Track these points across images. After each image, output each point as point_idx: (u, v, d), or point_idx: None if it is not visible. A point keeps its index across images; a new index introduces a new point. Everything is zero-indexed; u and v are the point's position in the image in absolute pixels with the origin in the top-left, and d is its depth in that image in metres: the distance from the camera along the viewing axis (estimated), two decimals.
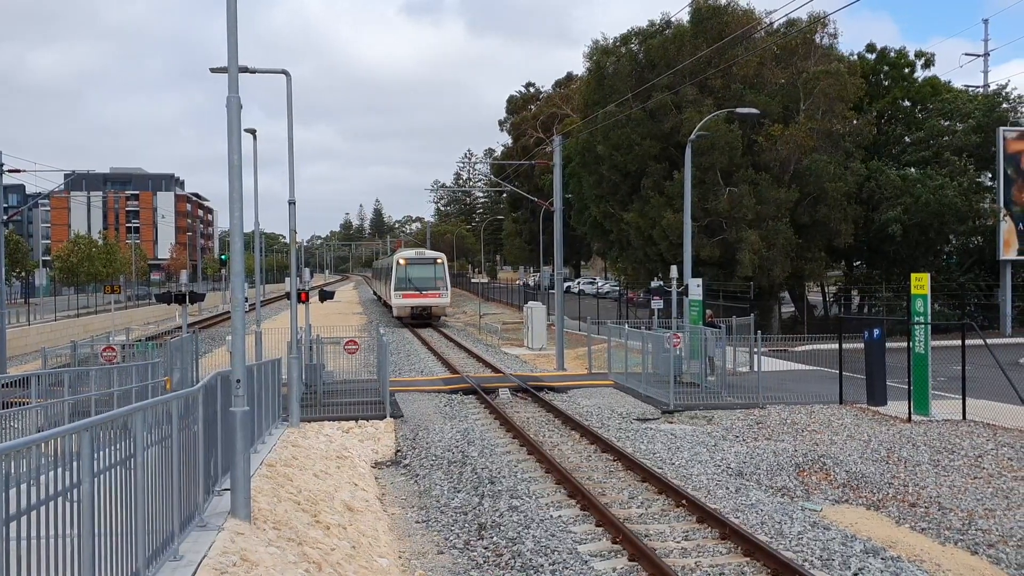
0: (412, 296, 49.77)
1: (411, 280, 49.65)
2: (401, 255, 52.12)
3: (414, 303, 50.09)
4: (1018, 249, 39.52)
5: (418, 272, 50.01)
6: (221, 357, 28.46)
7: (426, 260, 51.25)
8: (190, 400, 8.95)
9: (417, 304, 50.18)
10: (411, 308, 50.37)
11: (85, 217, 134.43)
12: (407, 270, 49.96)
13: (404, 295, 49.87)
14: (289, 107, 20.22)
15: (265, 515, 9.86)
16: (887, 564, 10.01)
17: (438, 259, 51.45)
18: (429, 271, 50.19)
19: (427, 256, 52.38)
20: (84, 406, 16.65)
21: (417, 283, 49.69)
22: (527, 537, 11.27)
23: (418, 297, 49.72)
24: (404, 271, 49.97)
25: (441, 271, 50.42)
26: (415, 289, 49.47)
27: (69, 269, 76.60)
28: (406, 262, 50.54)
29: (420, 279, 49.82)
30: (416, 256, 52.22)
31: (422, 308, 50.40)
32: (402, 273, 49.91)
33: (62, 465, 5.55)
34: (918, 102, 43.60)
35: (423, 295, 49.68)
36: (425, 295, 49.80)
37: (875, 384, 20.20)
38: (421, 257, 51.94)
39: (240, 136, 9.94)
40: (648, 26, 42.06)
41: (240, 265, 10.06)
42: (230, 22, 9.78)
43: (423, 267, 50.34)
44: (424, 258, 51.72)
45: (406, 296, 49.90)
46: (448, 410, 21.66)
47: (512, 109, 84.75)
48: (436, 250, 67.27)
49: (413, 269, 50.02)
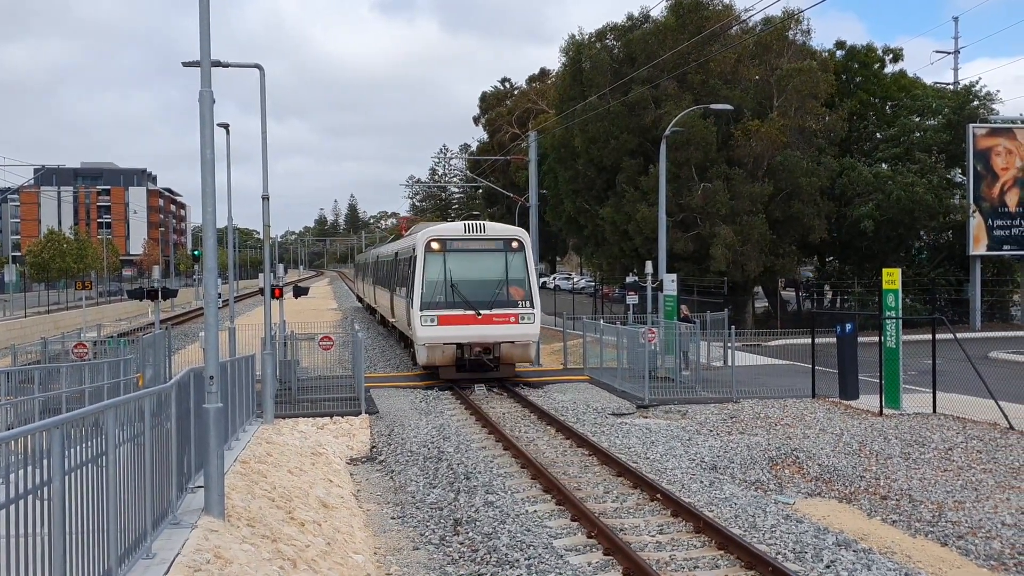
0: (458, 320, 23.95)
1: (457, 285, 24.17)
2: (434, 233, 25.21)
3: (463, 335, 23.91)
4: (987, 245, 40.03)
5: (474, 267, 24.72)
6: (194, 353, 28.25)
7: (490, 242, 25.08)
8: (163, 397, 8.88)
9: (471, 338, 23.90)
10: (456, 347, 23.96)
11: (56, 212, 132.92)
12: (448, 264, 24.40)
13: (441, 318, 23.95)
14: (263, 101, 20.09)
15: (239, 512, 9.81)
16: (859, 556, 10.12)
17: (514, 240, 25.06)
18: (496, 265, 24.75)
19: (493, 234, 25.36)
20: (55, 403, 16.48)
21: (471, 291, 24.20)
22: (503, 532, 11.28)
23: (473, 322, 23.91)
24: (441, 266, 24.39)
25: (521, 265, 24.77)
26: (466, 305, 23.97)
27: (40, 265, 75.70)
28: (443, 246, 24.61)
29: (478, 283, 24.44)
30: (467, 236, 25.14)
31: (482, 346, 23.94)
32: (436, 270, 24.38)
33: (32, 463, 5.49)
34: (888, 98, 44.01)
35: (484, 318, 23.91)
36: (490, 318, 23.95)
37: (847, 378, 20.39)
38: (480, 237, 25.15)
39: (213, 131, 9.86)
40: (626, 20, 42.19)
41: (213, 261, 9.99)
42: (202, 15, 9.70)
43: (484, 258, 24.83)
44: (486, 239, 25.13)
45: (445, 321, 23.94)
46: (424, 406, 21.63)
47: (486, 105, 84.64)
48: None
49: (462, 262, 24.62)
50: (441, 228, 25.81)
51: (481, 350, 23.67)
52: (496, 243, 24.87)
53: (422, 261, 24.09)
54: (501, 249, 24.69)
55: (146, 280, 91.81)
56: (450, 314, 23.69)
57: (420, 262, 24.09)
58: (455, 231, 25.27)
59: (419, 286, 23.93)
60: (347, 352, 28.60)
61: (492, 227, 25.70)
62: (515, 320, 23.79)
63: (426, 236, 24.57)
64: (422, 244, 24.34)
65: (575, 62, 42.52)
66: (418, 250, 24.36)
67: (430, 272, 24.07)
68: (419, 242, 24.56)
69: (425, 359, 23.91)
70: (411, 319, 24.38)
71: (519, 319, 23.83)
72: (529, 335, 24.13)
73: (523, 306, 23.98)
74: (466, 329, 23.62)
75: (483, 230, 25.08)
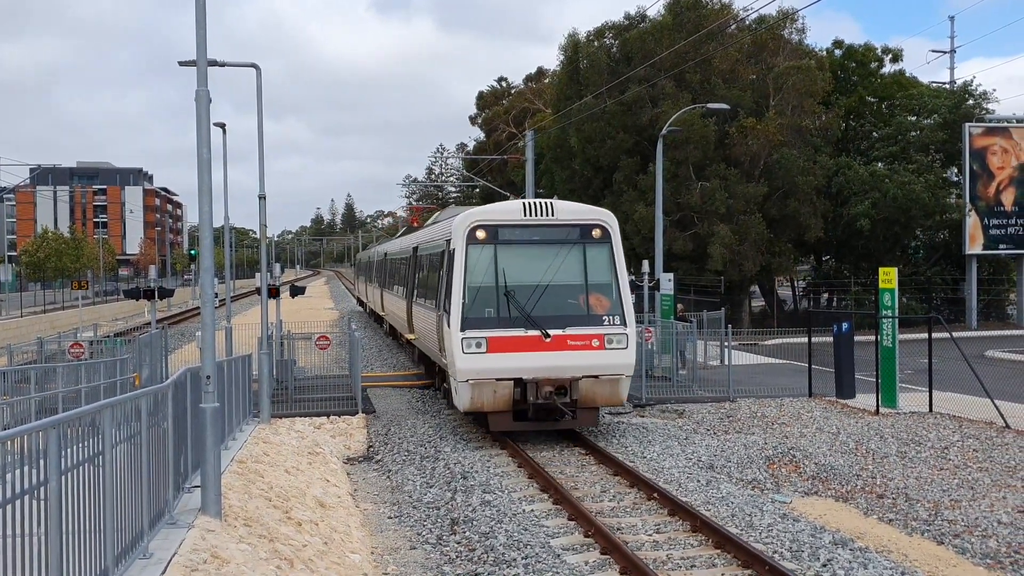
0: (517, 345, 16.13)
1: (515, 293, 16.39)
2: (480, 217, 16.99)
3: (525, 367, 16.02)
4: (983, 244, 40.11)
5: (539, 267, 16.77)
6: (191, 353, 28.23)
7: (562, 229, 17.06)
8: (159, 396, 8.88)
9: (537, 371, 16.01)
10: (514, 384, 16.02)
11: (52, 212, 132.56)
12: (502, 262, 16.60)
13: (492, 342, 16.08)
14: (259, 100, 20.06)
15: (236, 512, 9.80)
16: (855, 555, 10.13)
17: (596, 226, 17.16)
18: (571, 263, 16.98)
19: (565, 218, 17.11)
20: (51, 403, 16.46)
21: (535, 302, 16.45)
22: (500, 531, 11.28)
23: (540, 348, 16.11)
24: (491, 264, 16.59)
25: (607, 263, 17.03)
26: (528, 323, 16.18)
27: (35, 264, 75.61)
28: (493, 236, 16.76)
29: (545, 290, 16.58)
30: (528, 221, 16.93)
31: (555, 384, 16.01)
32: (484, 271, 16.57)
33: (29, 463, 5.48)
34: (885, 98, 44.09)
35: (555, 342, 16.17)
36: (563, 341, 16.21)
37: (843, 377, 20.42)
38: (546, 222, 16.96)
39: (209, 130, 9.86)
40: (623, 19, 42.22)
41: (210, 260, 9.98)
42: (199, 14, 9.69)
43: (553, 252, 16.92)
44: (555, 224, 17.00)
45: (498, 346, 16.08)
46: (420, 405, 21.63)
47: (483, 104, 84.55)
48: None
49: (521, 258, 16.88)
50: (490, 210, 17.59)
51: (553, 390, 15.83)
52: (570, 231, 16.89)
53: (463, 257, 16.36)
54: (577, 240, 16.88)
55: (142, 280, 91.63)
56: (505, 335, 15.93)
57: (460, 259, 16.35)
58: (510, 213, 17.02)
59: (458, 294, 16.12)
60: (344, 351, 28.58)
61: (564, 208, 17.26)
62: (600, 344, 16.24)
63: (469, 221, 16.63)
64: (463, 232, 16.50)
65: (572, 61, 42.54)
66: (456, 241, 16.56)
67: (475, 273, 16.32)
68: (458, 230, 16.63)
69: (468, 402, 15.93)
70: (445, 342, 16.65)
71: (606, 342, 16.27)
72: (620, 366, 16.35)
73: (611, 323, 16.48)
74: (529, 358, 15.91)
75: (551, 212, 16.81)
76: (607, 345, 16.39)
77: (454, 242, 16.82)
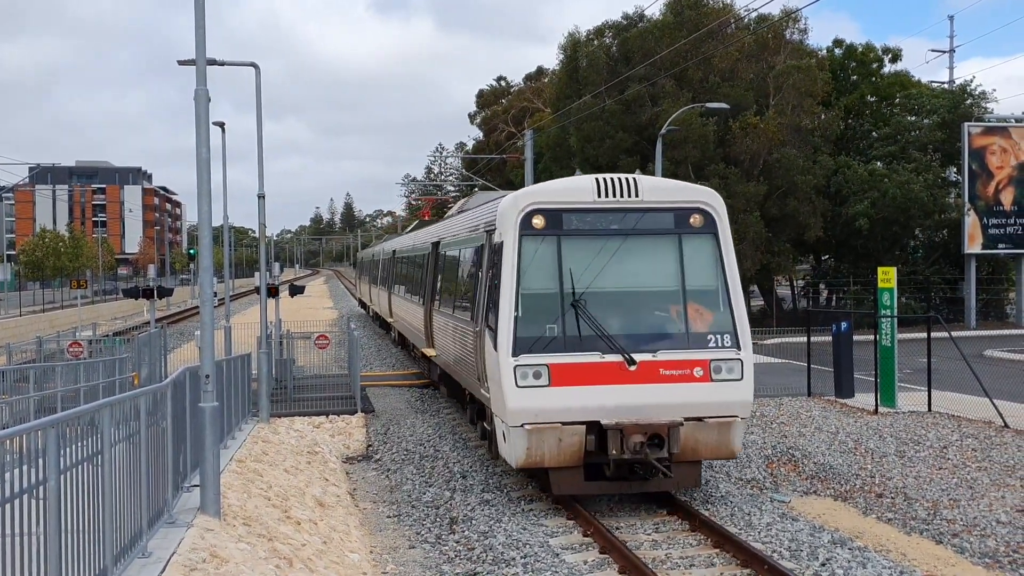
0: (591, 375, 11.63)
1: (587, 303, 11.89)
2: (538, 198, 12.36)
3: (602, 405, 11.54)
4: (982, 243, 40.14)
5: (619, 266, 12.27)
6: (190, 352, 28.23)
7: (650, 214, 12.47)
8: (158, 396, 8.88)
9: (619, 412, 11.53)
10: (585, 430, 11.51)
11: (50, 211, 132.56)
12: (567, 259, 12.09)
13: (556, 370, 11.57)
14: (258, 100, 20.07)
15: (235, 511, 9.80)
16: (854, 554, 10.14)
17: (696, 210, 12.59)
18: (663, 261, 12.52)
19: (655, 199, 12.49)
20: (50, 402, 16.48)
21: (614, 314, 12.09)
22: (499, 531, 11.29)
23: (621, 379, 11.65)
24: (553, 262, 12.10)
25: (711, 261, 12.73)
26: (605, 344, 11.76)
27: (34, 264, 75.58)
28: (556, 222, 12.20)
29: (627, 298, 12.36)
30: (604, 204, 12.29)
31: (645, 431, 11.40)
32: (544, 271, 12.11)
33: (28, 462, 5.49)
34: (885, 97, 44.12)
35: (642, 370, 11.72)
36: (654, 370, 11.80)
37: (843, 376, 20.42)
38: (629, 206, 12.35)
39: (208, 129, 9.85)
40: (622, 19, 42.25)
41: (209, 259, 9.98)
42: (198, 12, 9.68)
43: (638, 247, 12.42)
44: (641, 207, 12.40)
45: (565, 376, 11.59)
46: (420, 404, 21.63)
47: (483, 103, 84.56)
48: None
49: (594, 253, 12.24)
50: (550, 189, 12.88)
51: (644, 440, 11.45)
52: (662, 217, 12.51)
53: (514, 253, 12.05)
54: (671, 229, 12.52)
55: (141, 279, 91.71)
56: (575, 362, 11.67)
57: (511, 255, 12.05)
58: (578, 193, 12.40)
59: (508, 304, 11.85)
60: (343, 351, 28.58)
61: (653, 185, 12.77)
62: (704, 374, 12.04)
63: (523, 204, 12.25)
64: (515, 219, 12.16)
65: (572, 60, 42.56)
66: (504, 232, 12.28)
67: (532, 276, 12.05)
68: (506, 216, 12.31)
69: (522, 455, 11.63)
70: (488, 369, 12.39)
71: (712, 371, 12.12)
72: (733, 404, 12.21)
73: (719, 343, 12.32)
74: (609, 394, 11.64)
75: (634, 191, 12.34)
76: (714, 375, 12.05)
77: (501, 232, 12.33)
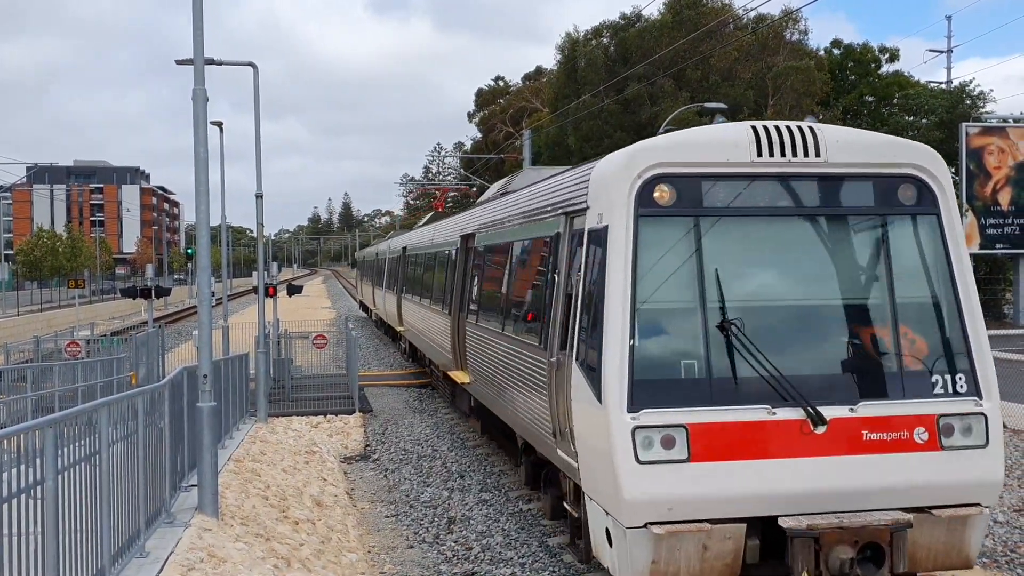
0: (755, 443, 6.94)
1: (744, 324, 7.12)
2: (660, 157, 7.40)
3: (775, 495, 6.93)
4: (980, 244, 40.15)
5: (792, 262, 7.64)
6: (188, 352, 28.21)
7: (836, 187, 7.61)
8: (156, 396, 8.88)
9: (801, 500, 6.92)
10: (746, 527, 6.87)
11: (48, 211, 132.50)
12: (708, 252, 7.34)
13: (696, 433, 6.89)
14: (256, 99, 20.07)
15: (233, 511, 9.80)
16: None
17: (908, 179, 7.68)
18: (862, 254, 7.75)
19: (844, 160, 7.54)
20: (48, 402, 16.46)
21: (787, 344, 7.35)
22: (496, 531, 11.29)
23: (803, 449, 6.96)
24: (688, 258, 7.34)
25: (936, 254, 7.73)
26: (776, 391, 7.01)
27: (32, 263, 75.55)
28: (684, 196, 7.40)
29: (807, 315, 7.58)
30: (766, 166, 7.42)
31: (858, 542, 6.75)
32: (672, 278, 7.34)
33: (25, 462, 5.48)
34: (883, 98, 44.20)
35: (834, 432, 7.00)
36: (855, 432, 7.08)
37: None
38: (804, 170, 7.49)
39: (206, 129, 9.85)
40: (620, 19, 42.31)
41: (206, 259, 9.97)
42: (196, 12, 9.68)
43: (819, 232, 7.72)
44: (823, 173, 7.54)
45: (711, 443, 6.88)
46: (418, 404, 21.62)
47: (481, 102, 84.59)
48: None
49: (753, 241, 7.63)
50: (681, 142, 7.84)
51: (852, 551, 6.89)
52: (857, 187, 7.83)
53: (628, 244, 7.36)
54: (871, 208, 7.89)
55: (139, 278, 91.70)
56: (728, 419, 7.12)
57: (622, 248, 7.36)
58: (726, 148, 7.60)
59: (620, 327, 7.20)
60: (341, 351, 28.58)
61: (840, 137, 7.82)
62: (931, 439, 7.41)
63: (640, 166, 7.55)
64: (628, 189, 7.49)
65: (570, 60, 42.64)
66: (611, 210, 7.60)
67: (655, 281, 7.42)
68: (612, 186, 7.70)
69: (645, 570, 6.97)
70: (582, 426, 7.85)
71: (941, 432, 7.45)
72: (974, 484, 7.48)
73: (949, 389, 7.65)
74: (784, 471, 7.10)
75: (814, 147, 7.62)
76: (944, 440, 7.47)
77: (600, 213, 7.88)
